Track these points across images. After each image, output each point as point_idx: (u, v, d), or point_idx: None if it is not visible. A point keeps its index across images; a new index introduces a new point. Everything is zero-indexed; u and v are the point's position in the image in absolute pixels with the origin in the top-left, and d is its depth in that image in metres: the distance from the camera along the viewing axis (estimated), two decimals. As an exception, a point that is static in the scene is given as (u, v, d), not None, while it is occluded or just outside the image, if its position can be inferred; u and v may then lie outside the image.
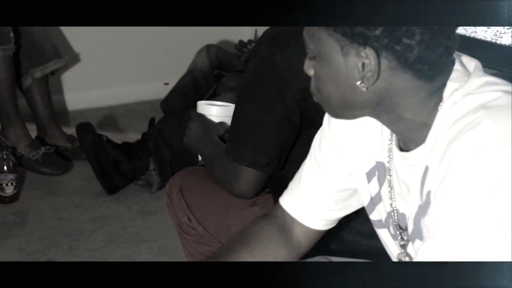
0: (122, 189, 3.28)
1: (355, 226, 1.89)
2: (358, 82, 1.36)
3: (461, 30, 2.94)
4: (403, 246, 1.50)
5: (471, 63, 1.41)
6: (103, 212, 3.14)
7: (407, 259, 1.49)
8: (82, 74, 4.09)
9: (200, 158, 2.16)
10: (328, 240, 1.78)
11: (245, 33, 3.92)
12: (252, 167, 1.95)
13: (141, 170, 3.26)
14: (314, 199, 1.62)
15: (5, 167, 3.16)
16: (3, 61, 3.32)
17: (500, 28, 2.76)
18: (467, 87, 1.36)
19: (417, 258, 1.33)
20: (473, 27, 2.86)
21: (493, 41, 2.83)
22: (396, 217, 1.50)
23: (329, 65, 1.38)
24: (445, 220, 1.29)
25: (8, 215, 3.11)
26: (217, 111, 2.17)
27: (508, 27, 2.72)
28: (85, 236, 2.97)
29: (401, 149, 1.45)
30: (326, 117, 1.60)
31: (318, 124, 1.64)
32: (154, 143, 3.26)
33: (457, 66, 1.39)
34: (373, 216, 1.57)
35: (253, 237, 1.64)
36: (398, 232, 1.50)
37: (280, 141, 1.94)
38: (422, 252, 1.33)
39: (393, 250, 1.55)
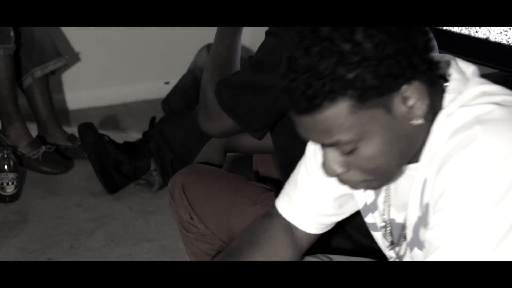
0: (123, 188, 3.28)
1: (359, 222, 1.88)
2: (416, 121, 1.31)
3: (463, 30, 2.94)
4: (397, 254, 1.49)
5: (469, 68, 1.39)
6: (104, 211, 3.14)
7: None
8: (83, 73, 4.08)
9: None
10: (333, 237, 1.78)
11: (245, 33, 3.92)
12: (245, 128, 1.93)
13: (142, 170, 3.26)
14: (310, 205, 1.61)
15: (5, 166, 3.16)
16: (3, 60, 3.32)
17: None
18: (462, 97, 1.34)
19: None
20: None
21: (495, 40, 2.83)
22: (389, 227, 1.49)
23: (379, 136, 1.30)
24: (446, 236, 1.29)
25: (9, 214, 3.11)
26: None
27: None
28: (86, 235, 2.97)
29: None
30: None
31: None
32: (155, 143, 3.26)
33: (454, 74, 1.37)
34: (368, 219, 1.57)
35: (261, 237, 1.63)
36: (390, 241, 1.50)
37: (277, 114, 1.92)
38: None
39: (387, 252, 1.55)
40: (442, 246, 1.30)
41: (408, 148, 1.34)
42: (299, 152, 1.92)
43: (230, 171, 2.26)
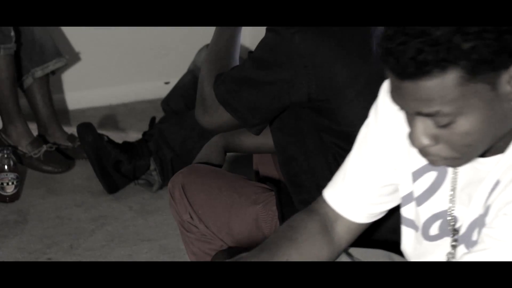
0: (123, 188, 3.28)
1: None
2: None
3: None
4: (454, 247, 1.47)
5: None
6: (104, 211, 3.14)
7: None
8: (83, 73, 4.08)
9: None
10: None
11: (245, 33, 3.92)
12: (243, 123, 1.92)
13: (141, 170, 3.26)
14: (358, 193, 1.58)
15: (5, 166, 3.16)
16: (4, 60, 3.32)
17: None
18: None
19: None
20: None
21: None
22: (452, 221, 1.46)
23: (480, 113, 1.27)
24: (501, 240, 1.28)
25: (9, 214, 3.11)
26: None
27: None
28: (86, 235, 2.97)
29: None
30: (373, 110, 1.55)
31: (332, 115, 1.60)
32: (155, 143, 3.27)
33: None
34: (406, 214, 1.55)
35: (299, 233, 1.59)
36: (451, 234, 1.47)
37: (275, 110, 1.91)
38: (469, 259, 1.32)
39: (410, 251, 1.54)
40: (493, 247, 1.28)
41: (501, 129, 1.31)
42: (297, 149, 1.92)
43: (230, 171, 2.26)
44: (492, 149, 1.35)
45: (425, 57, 1.23)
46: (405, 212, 1.56)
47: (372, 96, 1.58)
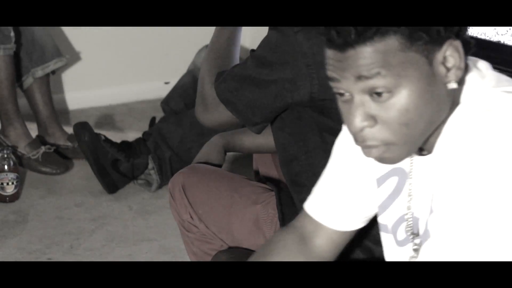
0: (123, 188, 3.28)
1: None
2: (451, 85, 1.30)
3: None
4: (416, 251, 1.48)
5: (484, 65, 1.39)
6: (104, 211, 3.14)
7: None
8: (83, 73, 4.08)
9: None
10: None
11: (245, 33, 3.92)
12: (244, 121, 1.92)
13: (140, 168, 3.26)
14: (336, 200, 1.59)
15: (5, 166, 3.16)
16: (3, 60, 3.32)
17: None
18: (479, 91, 1.34)
19: (419, 258, 1.33)
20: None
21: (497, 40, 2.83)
22: (411, 222, 1.48)
23: (417, 86, 1.29)
24: (443, 225, 1.29)
25: (9, 214, 3.11)
26: None
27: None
28: (86, 235, 2.97)
29: (421, 153, 1.42)
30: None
31: (334, 114, 1.59)
32: (153, 142, 3.27)
33: (473, 69, 1.37)
34: (380, 219, 1.56)
35: (273, 247, 1.63)
36: (411, 237, 1.49)
37: (277, 109, 1.91)
38: (422, 252, 1.33)
39: (388, 257, 1.55)
40: (426, 247, 1.30)
41: (437, 114, 1.32)
42: (299, 149, 1.92)
43: (230, 171, 2.26)
44: (431, 146, 1.37)
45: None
46: (379, 217, 1.57)
47: None
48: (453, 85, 1.31)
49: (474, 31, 2.88)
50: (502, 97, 1.32)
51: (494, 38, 2.85)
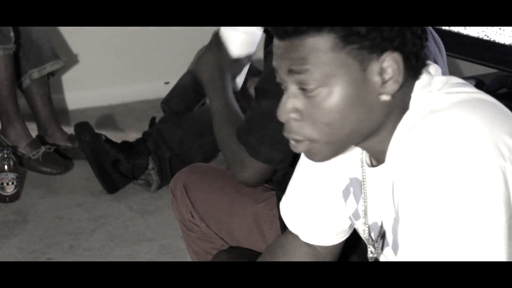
0: (123, 188, 3.28)
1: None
2: (385, 97, 1.30)
3: (461, 29, 2.94)
4: (371, 258, 1.49)
5: (434, 69, 1.37)
6: (104, 211, 3.15)
7: None
8: (83, 73, 4.09)
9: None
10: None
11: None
12: (267, 163, 1.93)
13: (140, 168, 3.26)
14: (313, 221, 1.59)
15: (5, 166, 3.16)
16: (3, 61, 3.32)
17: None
18: (424, 96, 1.33)
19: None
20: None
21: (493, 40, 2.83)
22: (367, 230, 1.48)
23: (344, 89, 1.29)
24: (407, 234, 1.27)
25: (9, 214, 3.11)
26: (239, 40, 2.11)
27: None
28: (86, 235, 2.98)
29: (372, 164, 1.42)
30: None
31: None
32: (154, 142, 3.27)
33: (423, 75, 1.35)
34: (357, 227, 1.56)
35: (280, 249, 1.64)
36: (370, 242, 1.49)
37: None
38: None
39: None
40: (404, 244, 1.28)
41: (365, 122, 1.32)
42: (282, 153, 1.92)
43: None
44: (382, 155, 1.36)
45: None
46: (355, 227, 1.57)
47: None
48: (385, 98, 1.30)
49: (474, 31, 2.88)
50: (443, 98, 1.30)
51: (494, 38, 2.85)
